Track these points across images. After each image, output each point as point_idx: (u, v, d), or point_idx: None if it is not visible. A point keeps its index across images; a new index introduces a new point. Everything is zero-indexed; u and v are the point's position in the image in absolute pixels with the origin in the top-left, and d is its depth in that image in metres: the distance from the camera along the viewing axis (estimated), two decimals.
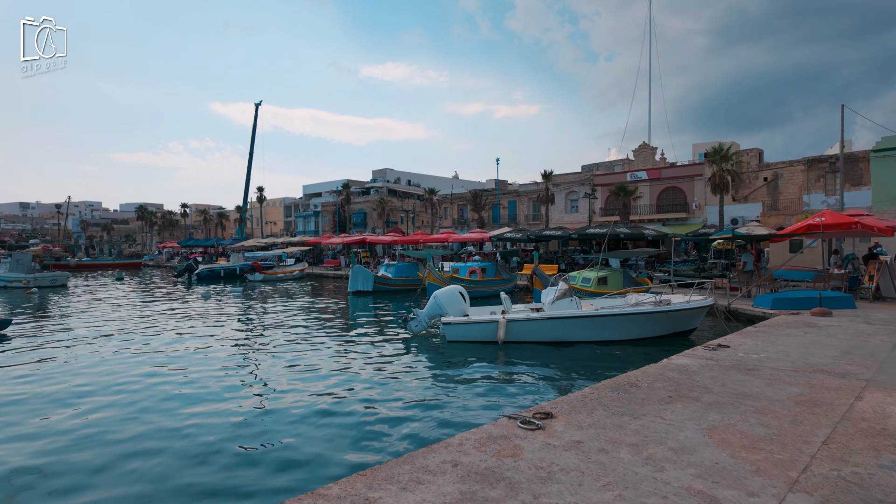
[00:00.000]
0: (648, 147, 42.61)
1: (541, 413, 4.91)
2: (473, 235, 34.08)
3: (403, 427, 6.92)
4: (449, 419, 7.21)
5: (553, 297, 11.47)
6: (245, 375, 9.90)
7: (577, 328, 11.50)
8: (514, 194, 49.48)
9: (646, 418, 4.80)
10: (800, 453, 3.95)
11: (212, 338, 13.64)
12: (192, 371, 10.10)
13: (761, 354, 7.71)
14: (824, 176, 37.12)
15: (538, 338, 11.60)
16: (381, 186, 67.36)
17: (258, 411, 7.68)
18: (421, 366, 10.47)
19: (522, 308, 12.84)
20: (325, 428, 6.93)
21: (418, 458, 3.87)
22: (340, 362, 10.72)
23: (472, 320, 11.75)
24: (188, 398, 8.32)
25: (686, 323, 11.85)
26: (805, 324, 10.72)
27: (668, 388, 5.83)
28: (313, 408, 7.72)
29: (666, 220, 38.70)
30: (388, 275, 25.58)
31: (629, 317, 11.43)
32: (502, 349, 11.28)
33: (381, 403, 7.96)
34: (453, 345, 11.73)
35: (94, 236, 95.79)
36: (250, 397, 8.46)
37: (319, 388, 8.86)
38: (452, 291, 12.25)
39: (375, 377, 9.53)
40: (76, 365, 10.64)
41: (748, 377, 6.34)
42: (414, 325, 12.51)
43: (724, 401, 5.34)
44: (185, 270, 35.26)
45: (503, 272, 23.64)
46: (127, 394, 8.62)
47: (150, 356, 11.40)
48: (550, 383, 9.25)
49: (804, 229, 15.93)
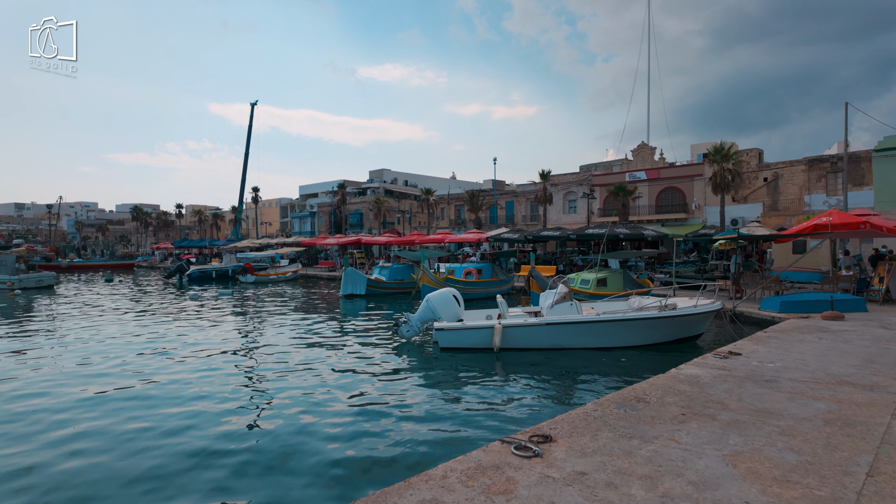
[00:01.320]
0: (647, 147, 42.10)
1: (538, 435, 4.30)
2: (470, 236, 33.46)
3: (384, 450, 6.16)
4: (436, 439, 6.50)
5: (552, 300, 10.84)
6: (216, 388, 9.01)
7: (577, 334, 10.86)
8: (512, 195, 48.92)
9: (658, 442, 4.20)
10: (843, 488, 3.36)
11: (183, 347, 12.56)
12: (152, 388, 9.09)
13: (777, 363, 7.12)
14: (825, 176, 36.67)
15: (536, 344, 10.96)
16: (377, 187, 66.69)
17: (226, 429, 7.05)
18: (411, 376, 9.67)
19: (519, 312, 12.21)
20: (294, 457, 5.97)
21: (392, 496, 3.26)
22: (324, 374, 9.80)
23: (465, 326, 11.10)
24: (148, 417, 7.65)
25: (693, 328, 11.25)
26: (818, 328, 10.15)
27: (681, 404, 5.24)
28: (282, 431, 6.78)
29: (665, 221, 38.19)
30: (381, 278, 24.92)
31: (633, 322, 10.79)
32: (498, 357, 10.61)
33: (363, 420, 7.18)
34: (446, 352, 11.06)
35: (88, 237, 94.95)
36: (222, 413, 7.80)
37: (297, 402, 8.05)
38: (446, 294, 11.61)
39: (360, 390, 8.71)
40: (28, 378, 9.76)
41: (767, 390, 5.75)
42: (405, 330, 11.83)
43: (744, 419, 4.76)
44: (176, 272, 34.53)
45: (500, 273, 23.04)
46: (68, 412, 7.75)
47: (110, 366, 10.54)
48: (549, 396, 8.57)
49: (811, 229, 15.37)
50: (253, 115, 54.67)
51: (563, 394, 8.72)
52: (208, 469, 5.71)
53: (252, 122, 54.71)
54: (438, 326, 11.10)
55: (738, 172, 28.62)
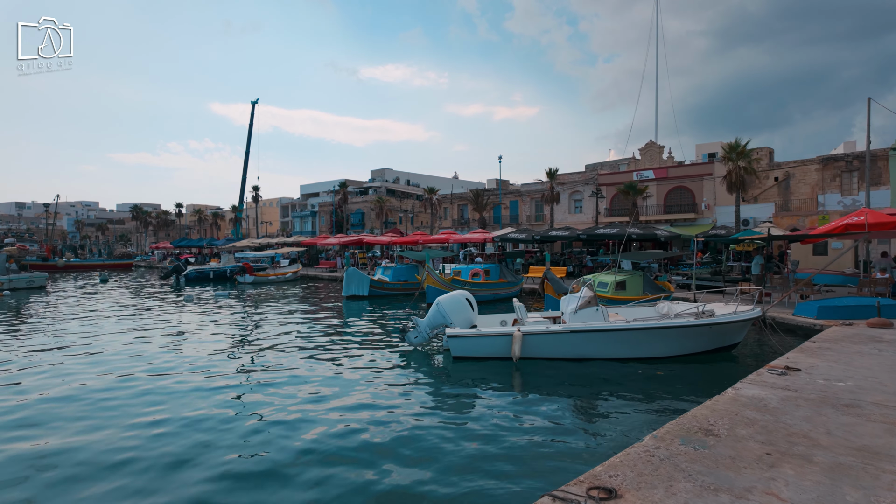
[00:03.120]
0: (655, 146, 41.13)
1: (599, 488, 3.36)
2: (475, 236, 32.49)
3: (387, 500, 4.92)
4: (453, 493, 5.02)
5: (575, 305, 9.85)
6: (200, 403, 8.04)
7: (605, 343, 9.83)
8: (516, 194, 47.95)
9: (753, 497, 3.27)
10: None
11: (169, 352, 11.65)
12: (122, 392, 8.33)
13: (847, 382, 6.18)
14: (840, 175, 35.75)
15: (559, 354, 9.94)
16: (379, 186, 65.75)
17: (205, 447, 6.12)
18: (418, 393, 8.43)
19: (538, 317, 11.21)
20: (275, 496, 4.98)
21: None
22: (321, 389, 8.58)
23: (481, 333, 10.08)
24: (122, 426, 6.75)
25: (731, 337, 10.25)
26: (870, 338, 9.20)
27: (758, 438, 4.30)
28: (267, 459, 5.80)
29: (674, 221, 37.23)
30: (385, 278, 23.97)
31: (668, 331, 9.77)
32: (518, 368, 9.57)
33: (359, 459, 5.79)
34: (459, 362, 10.05)
35: (88, 236, 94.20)
36: (203, 430, 6.86)
37: (286, 426, 6.81)
38: (458, 297, 10.62)
39: (358, 412, 7.34)
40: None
41: (854, 419, 4.81)
42: (413, 336, 10.83)
43: (848, 462, 3.82)
44: (173, 272, 33.64)
45: (508, 274, 22.08)
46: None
47: (85, 373, 9.75)
48: (590, 421, 7.32)
49: (842, 229, 14.41)
50: (254, 113, 53.79)
51: (607, 419, 7.43)
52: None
53: (253, 121, 53.83)
54: (450, 333, 10.07)
55: (753, 171, 27.66)
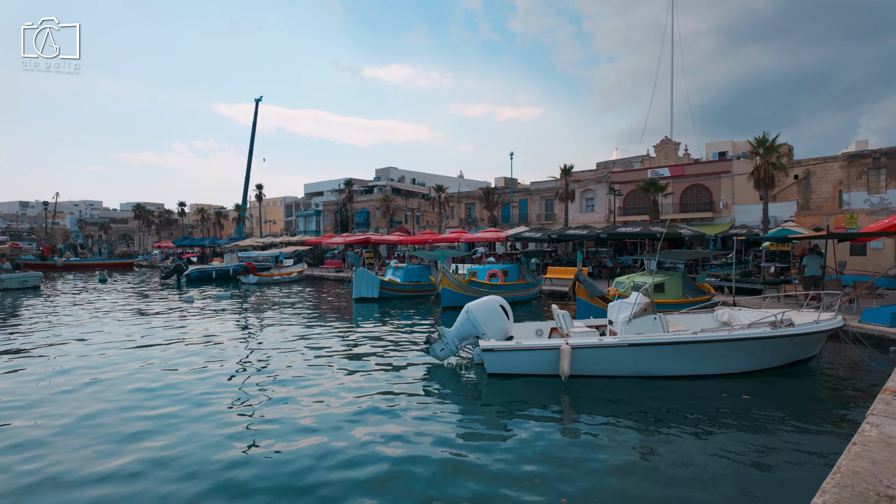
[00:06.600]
0: (671, 143, 39.71)
1: None
2: (487, 235, 31.15)
3: None
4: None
5: (629, 313, 8.50)
6: (190, 421, 6.96)
7: (668, 358, 8.40)
8: (526, 192, 46.60)
9: None
10: None
11: (161, 363, 10.37)
12: (101, 404, 7.18)
13: None
14: (867, 172, 34.42)
15: (613, 371, 8.50)
16: (384, 185, 64.46)
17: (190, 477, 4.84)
18: (449, 419, 6.96)
19: (582, 326, 9.80)
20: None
21: None
22: (331, 408, 7.37)
23: (522, 346, 8.65)
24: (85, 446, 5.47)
25: (809, 349, 8.89)
26: None
27: None
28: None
29: (690, 220, 35.89)
30: (396, 279, 22.66)
31: (746, 343, 8.37)
32: (568, 389, 8.17)
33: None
34: (496, 380, 8.65)
35: (91, 235, 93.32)
36: (185, 458, 5.59)
37: (290, 461, 5.67)
38: (491, 304, 9.22)
39: (374, 445, 6.07)
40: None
41: None
42: (439, 348, 9.39)
43: None
44: (174, 272, 32.45)
45: (527, 275, 20.74)
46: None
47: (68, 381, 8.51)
48: (681, 468, 5.50)
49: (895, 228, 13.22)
50: (257, 111, 52.80)
51: (707, 469, 5.53)
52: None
53: (256, 119, 52.83)
54: (485, 346, 8.66)
55: (783, 166, 26.30)
